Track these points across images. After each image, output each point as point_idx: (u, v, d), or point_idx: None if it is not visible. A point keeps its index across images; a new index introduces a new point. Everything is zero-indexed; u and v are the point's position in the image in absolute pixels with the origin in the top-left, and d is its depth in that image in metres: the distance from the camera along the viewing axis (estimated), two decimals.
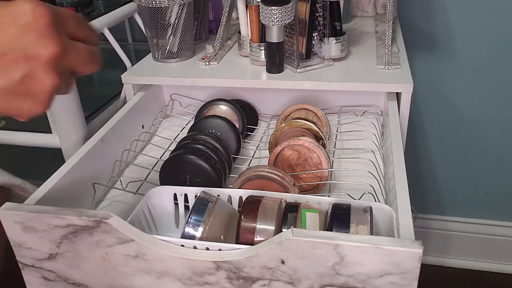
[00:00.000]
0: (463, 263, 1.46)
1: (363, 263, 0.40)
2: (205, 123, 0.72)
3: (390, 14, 0.82)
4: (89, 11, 1.02)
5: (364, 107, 0.82)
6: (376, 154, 0.68)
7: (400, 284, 0.41)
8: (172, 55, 0.87)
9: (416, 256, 0.39)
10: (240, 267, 0.43)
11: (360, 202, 0.49)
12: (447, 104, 1.25)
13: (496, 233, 1.40)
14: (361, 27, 1.00)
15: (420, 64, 1.20)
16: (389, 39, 0.82)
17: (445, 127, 1.29)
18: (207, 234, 0.47)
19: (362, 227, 0.45)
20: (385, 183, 0.61)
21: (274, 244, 0.41)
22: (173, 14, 0.82)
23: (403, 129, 0.75)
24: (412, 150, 1.33)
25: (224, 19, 0.88)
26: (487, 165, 1.32)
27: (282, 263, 0.42)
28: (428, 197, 1.41)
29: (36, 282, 0.52)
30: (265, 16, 0.73)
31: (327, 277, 0.42)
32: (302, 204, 0.49)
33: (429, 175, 1.38)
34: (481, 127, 1.26)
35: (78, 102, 0.84)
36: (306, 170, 0.63)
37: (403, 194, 0.50)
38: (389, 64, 0.78)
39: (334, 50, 0.81)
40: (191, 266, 0.45)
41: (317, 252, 0.41)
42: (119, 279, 0.49)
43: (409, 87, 0.72)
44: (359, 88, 0.74)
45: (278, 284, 0.44)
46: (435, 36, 1.17)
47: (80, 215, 0.46)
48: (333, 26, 0.80)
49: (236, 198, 0.54)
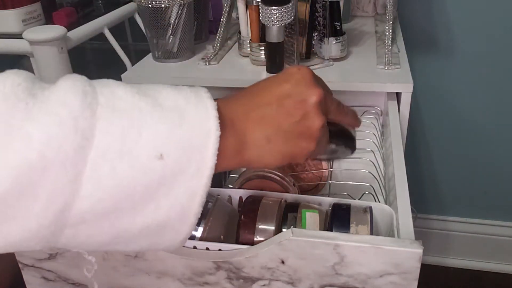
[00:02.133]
0: (463, 263, 1.46)
1: (363, 263, 0.40)
2: None
3: (390, 14, 0.82)
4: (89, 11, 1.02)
5: (364, 107, 0.82)
6: (376, 154, 0.68)
7: (400, 284, 0.41)
8: (172, 55, 0.86)
9: (416, 256, 0.39)
10: (240, 267, 0.43)
11: (360, 202, 0.49)
12: (447, 104, 1.25)
13: (496, 233, 1.40)
14: (361, 27, 1.00)
15: (420, 64, 1.20)
16: (389, 39, 0.82)
17: (445, 127, 1.29)
18: (207, 234, 0.47)
19: (362, 227, 0.45)
20: (385, 183, 0.61)
21: (274, 244, 0.41)
22: (173, 14, 0.82)
23: (403, 129, 0.75)
24: (412, 150, 1.33)
25: (224, 19, 0.88)
26: (487, 165, 1.32)
27: (282, 263, 0.42)
28: (428, 197, 1.41)
29: (36, 282, 0.52)
30: (265, 16, 0.73)
31: (327, 277, 0.42)
32: (302, 204, 0.49)
33: (429, 175, 1.38)
34: (481, 127, 1.26)
35: None
36: (306, 170, 0.63)
37: (403, 194, 0.50)
38: (389, 64, 0.78)
39: (334, 50, 0.81)
40: (191, 266, 0.45)
41: (317, 252, 0.41)
42: (119, 279, 0.49)
43: (409, 87, 0.72)
44: (359, 88, 0.74)
45: (278, 284, 0.44)
46: (435, 36, 1.17)
47: None
48: (333, 26, 0.80)
49: (236, 198, 0.54)
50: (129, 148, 0.31)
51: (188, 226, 0.35)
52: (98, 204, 0.31)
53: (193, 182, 0.33)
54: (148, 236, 0.35)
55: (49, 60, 0.81)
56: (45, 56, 0.81)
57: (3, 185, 0.28)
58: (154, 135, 0.32)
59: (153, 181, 0.32)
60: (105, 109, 0.31)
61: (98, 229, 0.32)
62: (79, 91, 0.31)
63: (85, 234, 0.32)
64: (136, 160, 0.31)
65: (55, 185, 0.29)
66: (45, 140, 0.29)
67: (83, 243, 0.33)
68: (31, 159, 0.28)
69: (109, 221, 0.32)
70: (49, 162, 0.29)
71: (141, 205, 0.32)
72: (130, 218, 0.33)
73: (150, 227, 0.34)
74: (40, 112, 0.29)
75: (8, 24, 0.87)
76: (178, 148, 0.33)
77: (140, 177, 0.31)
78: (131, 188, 0.31)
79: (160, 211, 0.33)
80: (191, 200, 0.34)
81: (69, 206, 0.30)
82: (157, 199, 0.33)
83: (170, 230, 0.35)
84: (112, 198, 0.31)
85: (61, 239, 0.32)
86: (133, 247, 0.36)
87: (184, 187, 0.33)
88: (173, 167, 0.32)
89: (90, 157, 0.30)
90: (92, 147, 0.30)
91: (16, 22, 0.87)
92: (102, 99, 0.32)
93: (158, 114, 0.33)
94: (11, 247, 0.31)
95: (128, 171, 0.31)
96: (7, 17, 0.87)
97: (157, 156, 0.32)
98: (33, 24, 0.90)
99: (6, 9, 0.86)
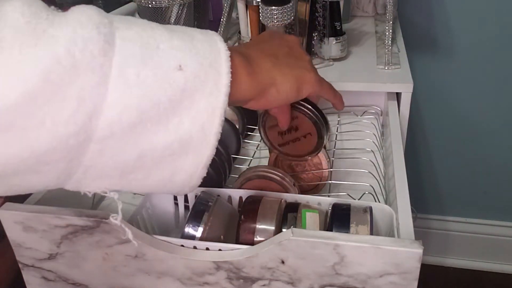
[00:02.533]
0: (463, 263, 1.46)
1: (363, 263, 0.40)
2: None
3: (390, 14, 0.82)
4: None
5: (364, 107, 0.82)
6: (376, 154, 0.68)
7: (400, 284, 0.41)
8: None
9: (416, 256, 0.39)
10: (240, 267, 0.43)
11: (360, 202, 0.49)
12: (447, 104, 1.25)
13: (496, 233, 1.40)
14: (361, 27, 1.00)
15: (420, 64, 1.20)
16: (389, 39, 0.82)
17: (445, 127, 1.29)
18: (207, 234, 0.47)
19: (362, 227, 0.45)
20: (385, 183, 0.61)
21: (274, 244, 0.41)
22: (173, 14, 0.82)
23: (403, 129, 0.75)
24: (412, 150, 1.33)
25: (224, 19, 0.88)
26: (487, 165, 1.32)
27: (282, 263, 0.42)
28: (428, 197, 1.41)
29: (36, 282, 0.52)
30: (265, 16, 0.73)
31: (327, 277, 0.42)
32: (302, 204, 0.49)
33: (429, 175, 1.38)
34: (481, 127, 1.26)
35: None
36: (306, 170, 0.63)
37: (403, 194, 0.50)
38: (389, 64, 0.78)
39: (334, 50, 0.81)
40: (191, 266, 0.45)
41: (317, 252, 0.41)
42: (119, 279, 0.49)
43: (409, 87, 0.72)
44: (359, 88, 0.74)
45: (278, 284, 0.44)
46: (435, 36, 1.17)
47: (80, 215, 0.46)
48: (333, 26, 0.80)
49: (236, 198, 0.54)
50: (150, 55, 0.32)
51: (209, 148, 0.35)
52: (125, 112, 0.31)
53: (212, 98, 0.34)
54: (172, 158, 0.34)
55: None
56: None
57: (33, 81, 0.27)
58: (171, 47, 0.33)
59: (176, 93, 0.33)
60: (122, 22, 0.32)
61: (123, 145, 0.32)
62: (94, 8, 0.32)
63: (110, 151, 0.32)
64: (158, 69, 0.32)
65: (84, 86, 0.29)
66: (71, 39, 0.29)
67: (106, 165, 0.33)
68: (60, 55, 0.28)
69: (135, 135, 0.32)
70: (77, 61, 0.29)
71: (165, 118, 0.33)
72: (154, 134, 0.33)
73: (174, 145, 0.34)
74: (61, 21, 0.30)
75: None
76: (196, 62, 0.34)
77: (163, 87, 0.32)
78: (156, 98, 0.32)
79: (183, 127, 0.33)
80: (211, 117, 0.34)
81: (97, 113, 0.30)
82: (179, 113, 0.33)
83: (192, 151, 0.35)
84: (138, 108, 0.31)
85: (86, 157, 0.31)
86: (155, 176, 0.35)
87: (204, 103, 0.34)
88: (193, 79, 0.33)
89: (114, 61, 0.30)
90: (115, 53, 0.30)
91: None
92: (116, 18, 0.33)
93: (171, 33, 0.34)
94: (35, 160, 0.30)
95: (152, 79, 0.32)
96: None
97: (177, 67, 0.33)
98: None
99: None
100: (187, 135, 0.34)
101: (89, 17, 0.31)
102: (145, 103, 0.31)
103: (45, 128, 0.29)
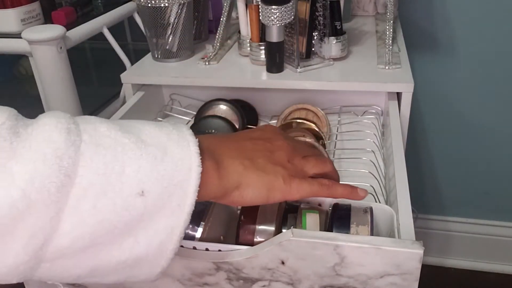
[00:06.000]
0: (464, 264, 1.46)
1: (364, 264, 0.40)
2: (205, 123, 0.72)
3: (390, 14, 0.82)
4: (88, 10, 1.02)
5: (364, 107, 0.82)
6: (377, 154, 0.68)
7: (400, 285, 0.40)
8: (171, 55, 0.86)
9: (416, 257, 0.39)
10: (240, 268, 0.43)
11: (361, 203, 0.49)
12: (448, 104, 1.25)
13: (497, 233, 1.40)
14: (362, 27, 1.00)
15: (421, 63, 1.20)
16: (389, 39, 0.82)
17: (445, 127, 1.29)
18: (207, 234, 0.47)
19: (362, 227, 0.45)
20: (386, 183, 0.61)
21: (274, 244, 0.41)
22: (172, 14, 0.82)
23: (403, 129, 0.75)
24: (413, 150, 1.33)
25: (224, 19, 0.88)
26: (487, 165, 1.32)
27: (282, 264, 0.42)
28: (428, 197, 1.41)
29: (35, 282, 0.52)
30: (265, 16, 0.73)
31: (327, 278, 0.42)
32: (302, 204, 0.49)
33: (429, 175, 1.38)
34: (482, 127, 1.26)
35: (77, 102, 0.84)
36: None
37: (403, 194, 0.50)
38: (389, 64, 0.77)
39: (335, 49, 0.80)
40: (190, 267, 0.44)
41: (317, 253, 0.40)
42: None
43: (410, 87, 0.72)
44: (360, 88, 0.74)
45: (278, 285, 0.43)
46: (436, 36, 1.17)
47: None
48: (333, 25, 0.80)
49: None
50: (111, 184, 0.31)
51: (165, 260, 0.35)
52: (77, 240, 0.31)
53: (173, 218, 0.34)
54: (125, 270, 0.35)
55: (48, 59, 0.81)
56: (44, 55, 0.81)
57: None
58: (136, 171, 0.33)
59: (134, 218, 0.32)
60: (89, 146, 0.32)
61: (75, 263, 0.32)
62: (63, 129, 0.31)
63: (61, 268, 0.32)
64: (118, 197, 0.32)
65: (36, 224, 0.29)
66: (29, 179, 0.29)
67: (59, 276, 0.33)
68: (14, 198, 0.28)
69: (87, 255, 0.32)
70: (32, 201, 0.29)
71: (120, 240, 0.33)
72: (108, 253, 0.33)
73: (128, 262, 0.34)
74: (24, 151, 0.29)
75: (7, 24, 0.87)
76: (160, 185, 0.33)
77: (121, 214, 0.32)
78: (111, 225, 0.32)
79: (138, 246, 0.33)
80: (170, 235, 0.34)
81: (48, 242, 0.30)
82: (136, 234, 0.33)
83: (147, 264, 0.35)
84: (92, 234, 0.31)
85: (37, 273, 0.32)
86: (109, 280, 0.36)
87: (163, 223, 0.34)
88: (154, 203, 0.33)
89: (72, 194, 0.30)
90: (74, 184, 0.30)
91: (15, 22, 0.87)
92: (85, 136, 0.32)
93: (140, 151, 0.33)
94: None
95: (109, 208, 0.31)
96: (6, 17, 0.87)
97: (139, 193, 0.32)
98: (32, 24, 0.90)
99: (5, 8, 0.86)
100: (142, 253, 0.34)
101: (56, 144, 0.30)
102: (99, 230, 0.31)
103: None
